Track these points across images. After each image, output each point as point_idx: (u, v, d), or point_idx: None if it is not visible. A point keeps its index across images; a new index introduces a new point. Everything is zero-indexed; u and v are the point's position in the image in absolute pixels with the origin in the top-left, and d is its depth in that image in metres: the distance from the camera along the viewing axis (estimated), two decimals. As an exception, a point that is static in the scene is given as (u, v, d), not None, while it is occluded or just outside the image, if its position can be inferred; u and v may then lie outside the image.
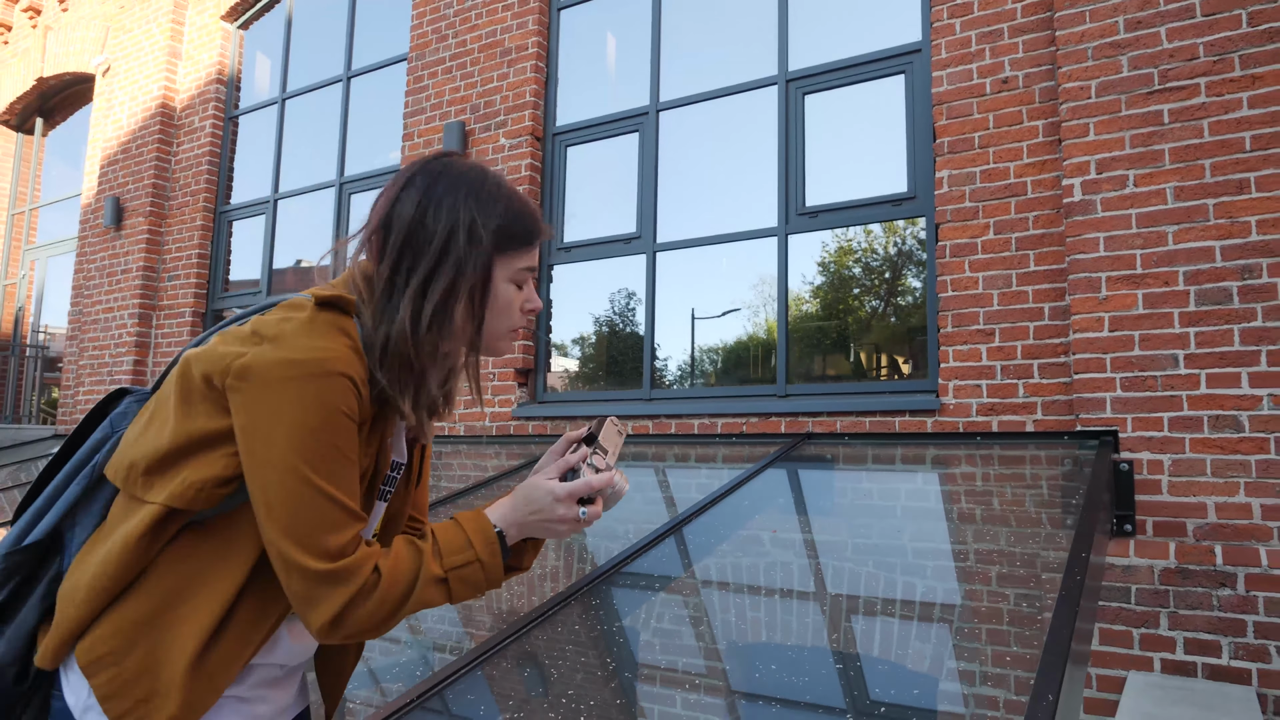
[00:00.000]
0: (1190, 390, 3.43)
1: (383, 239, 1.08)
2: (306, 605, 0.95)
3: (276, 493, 0.92)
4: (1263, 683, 3.12)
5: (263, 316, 1.00)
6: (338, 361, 0.95)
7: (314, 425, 0.93)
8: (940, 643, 2.31)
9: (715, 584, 2.88)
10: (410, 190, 1.09)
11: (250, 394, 0.93)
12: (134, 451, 0.99)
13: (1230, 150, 3.45)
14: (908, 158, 4.40)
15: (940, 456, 3.91)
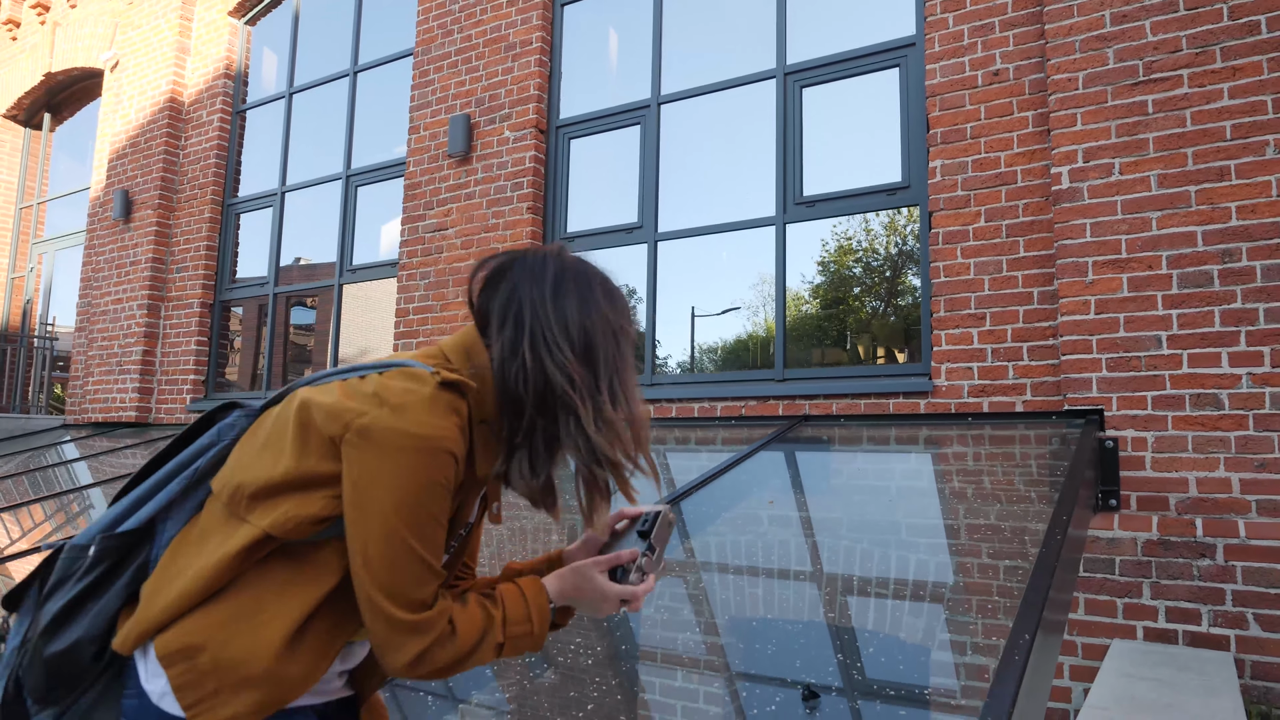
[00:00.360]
0: (1173, 370, 3.56)
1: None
2: (387, 648, 1.07)
3: (376, 548, 1.04)
4: (1240, 648, 3.25)
5: (386, 380, 1.09)
6: (448, 440, 1.06)
7: (418, 493, 1.04)
8: (918, 610, 2.43)
9: (712, 549, 3.01)
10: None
11: (367, 453, 1.04)
12: (245, 474, 1.09)
13: (1212, 139, 3.59)
14: (902, 149, 4.53)
15: (932, 436, 4.04)
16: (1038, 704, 1.79)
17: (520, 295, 1.17)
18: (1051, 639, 2.05)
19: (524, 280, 1.19)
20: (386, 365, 1.13)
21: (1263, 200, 3.47)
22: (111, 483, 5.50)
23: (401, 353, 1.21)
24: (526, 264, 1.21)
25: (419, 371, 1.10)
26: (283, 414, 1.13)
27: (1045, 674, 1.92)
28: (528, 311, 1.16)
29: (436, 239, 6.04)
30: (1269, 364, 3.39)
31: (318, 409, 1.08)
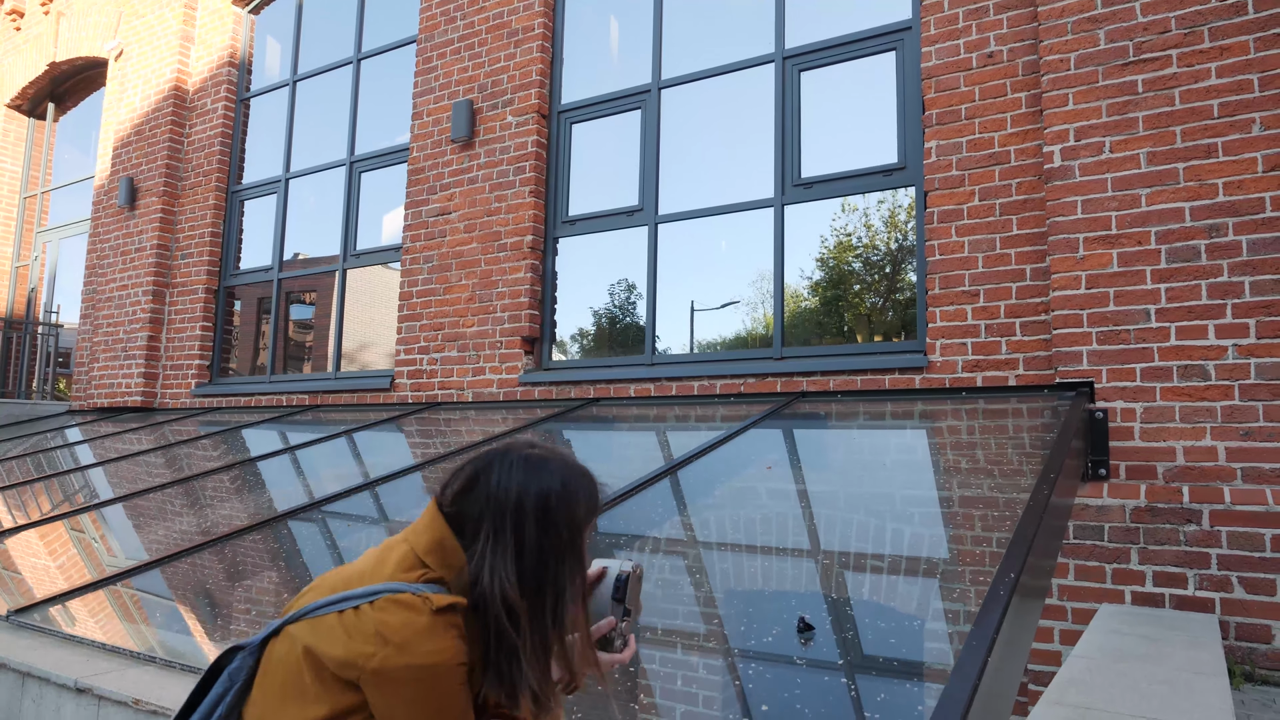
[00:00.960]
0: (1161, 342, 3.65)
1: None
2: None
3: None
4: (1225, 610, 3.34)
5: (382, 616, 1.17)
6: (455, 657, 1.18)
7: (439, 704, 1.17)
8: (899, 577, 2.52)
9: (705, 519, 3.09)
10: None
11: (384, 689, 1.15)
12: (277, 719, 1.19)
13: (1200, 117, 3.67)
14: (898, 130, 4.62)
15: (926, 411, 4.13)
16: (1013, 666, 1.84)
17: (486, 505, 1.26)
18: (1029, 604, 2.09)
19: (490, 494, 1.27)
20: (374, 593, 1.20)
21: (1249, 176, 3.56)
22: (114, 463, 5.58)
23: (382, 559, 1.28)
24: (495, 476, 1.28)
25: (411, 600, 1.18)
26: (289, 658, 1.21)
27: (1022, 637, 1.96)
28: (493, 525, 1.25)
29: (440, 223, 6.13)
30: (1254, 335, 3.48)
31: (328, 659, 1.18)
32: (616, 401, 5.23)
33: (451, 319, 5.97)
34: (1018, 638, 1.90)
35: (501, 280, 5.77)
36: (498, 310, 5.76)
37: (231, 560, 3.21)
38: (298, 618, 1.25)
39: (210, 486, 4.63)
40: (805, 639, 1.89)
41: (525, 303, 5.66)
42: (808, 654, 1.98)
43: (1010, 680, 1.83)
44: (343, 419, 6.05)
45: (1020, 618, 1.92)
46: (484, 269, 5.86)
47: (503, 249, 5.79)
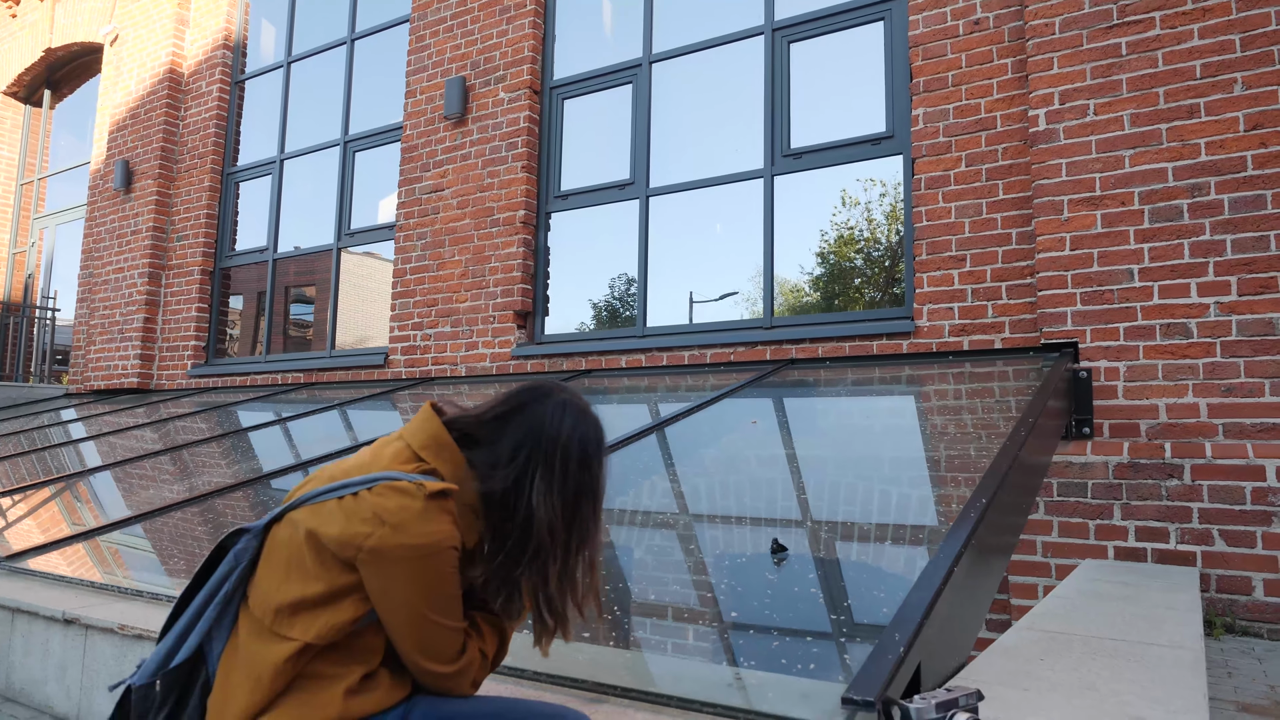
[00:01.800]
0: (1144, 301, 3.68)
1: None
2: (442, 689, 1.31)
3: (410, 630, 1.25)
4: (1206, 564, 3.38)
5: (379, 500, 1.24)
6: (447, 540, 1.25)
7: (432, 584, 1.25)
8: (866, 534, 2.54)
9: (685, 462, 3.13)
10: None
11: (381, 568, 1.22)
12: (279, 596, 1.25)
13: (1182, 78, 3.70)
14: (886, 99, 4.65)
15: (912, 374, 4.15)
16: (969, 619, 1.83)
17: (536, 438, 1.34)
18: (992, 561, 2.06)
19: (542, 424, 1.35)
20: (373, 480, 1.28)
21: (1230, 136, 3.59)
22: (106, 436, 5.61)
23: (378, 453, 1.36)
24: (548, 409, 1.37)
25: (406, 485, 1.26)
26: (293, 539, 1.28)
27: (977, 591, 1.93)
28: (543, 456, 1.33)
29: (433, 200, 6.15)
30: (1236, 293, 3.51)
31: (328, 539, 1.24)
32: (608, 373, 5.27)
33: (445, 295, 6.00)
34: (971, 594, 1.88)
35: (494, 255, 5.80)
36: (490, 285, 5.79)
37: (214, 515, 3.25)
38: (299, 504, 1.31)
39: (197, 455, 4.66)
40: (779, 559, 1.92)
41: (518, 277, 5.68)
42: (752, 582, 2.01)
43: (967, 624, 1.82)
44: (335, 395, 6.09)
45: (976, 572, 1.88)
46: (477, 244, 5.89)
47: (495, 224, 5.82)
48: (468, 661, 1.31)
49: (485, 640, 1.36)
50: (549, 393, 1.41)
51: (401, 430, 1.39)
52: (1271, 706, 2.40)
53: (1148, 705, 1.46)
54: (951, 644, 1.68)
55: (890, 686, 1.30)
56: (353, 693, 1.23)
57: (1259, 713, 2.35)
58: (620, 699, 1.45)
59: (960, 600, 1.73)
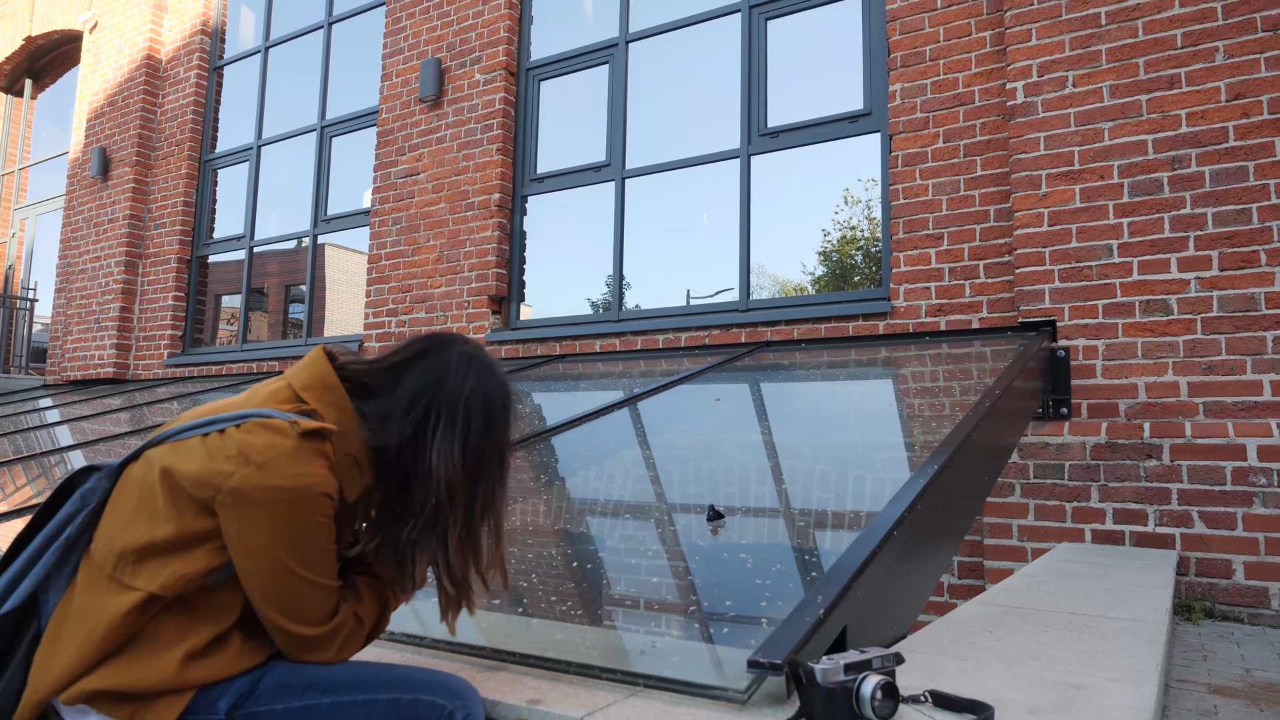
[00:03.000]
0: (1123, 278, 3.57)
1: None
2: (306, 654, 1.18)
3: (271, 585, 1.12)
4: (1185, 546, 3.26)
5: (247, 437, 1.11)
6: (318, 484, 1.12)
7: (298, 534, 1.11)
8: (807, 516, 2.44)
9: (640, 434, 3.02)
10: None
11: (242, 511, 1.09)
12: (123, 540, 1.11)
13: (1163, 48, 3.59)
14: (864, 76, 4.54)
15: (886, 355, 4.04)
16: (910, 593, 1.70)
17: (437, 389, 1.23)
18: (939, 538, 1.90)
19: (447, 375, 1.24)
20: (243, 417, 1.15)
21: (1212, 106, 3.48)
22: (75, 422, 5.51)
23: (255, 391, 1.24)
24: (451, 359, 1.26)
25: (278, 423, 1.13)
26: (147, 478, 1.15)
27: (922, 565, 1.78)
28: (445, 410, 1.22)
29: (408, 184, 6.05)
30: (1217, 267, 3.40)
31: (184, 477, 1.11)
32: (583, 357, 5.16)
33: (420, 280, 5.89)
34: (919, 558, 1.73)
35: (469, 240, 5.69)
36: (465, 270, 5.68)
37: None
38: (159, 441, 1.19)
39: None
40: (715, 526, 1.81)
41: (492, 261, 5.57)
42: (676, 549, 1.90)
43: (909, 598, 1.69)
44: (310, 382, 5.97)
45: (920, 540, 1.74)
46: (452, 229, 5.78)
47: (470, 208, 5.71)
48: (337, 625, 1.19)
49: (364, 606, 1.23)
50: (451, 342, 1.29)
51: (287, 370, 1.27)
52: (1243, 688, 2.29)
53: (1090, 674, 1.35)
54: (890, 615, 1.57)
55: (804, 649, 1.19)
56: (194, 656, 1.10)
57: (1230, 694, 2.23)
58: (517, 666, 1.34)
59: (901, 572, 1.62)
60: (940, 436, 2.61)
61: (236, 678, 1.13)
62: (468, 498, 1.22)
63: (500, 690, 1.25)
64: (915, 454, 2.47)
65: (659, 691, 1.22)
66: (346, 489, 1.19)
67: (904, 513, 1.64)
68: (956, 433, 2.20)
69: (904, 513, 1.64)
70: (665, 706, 1.16)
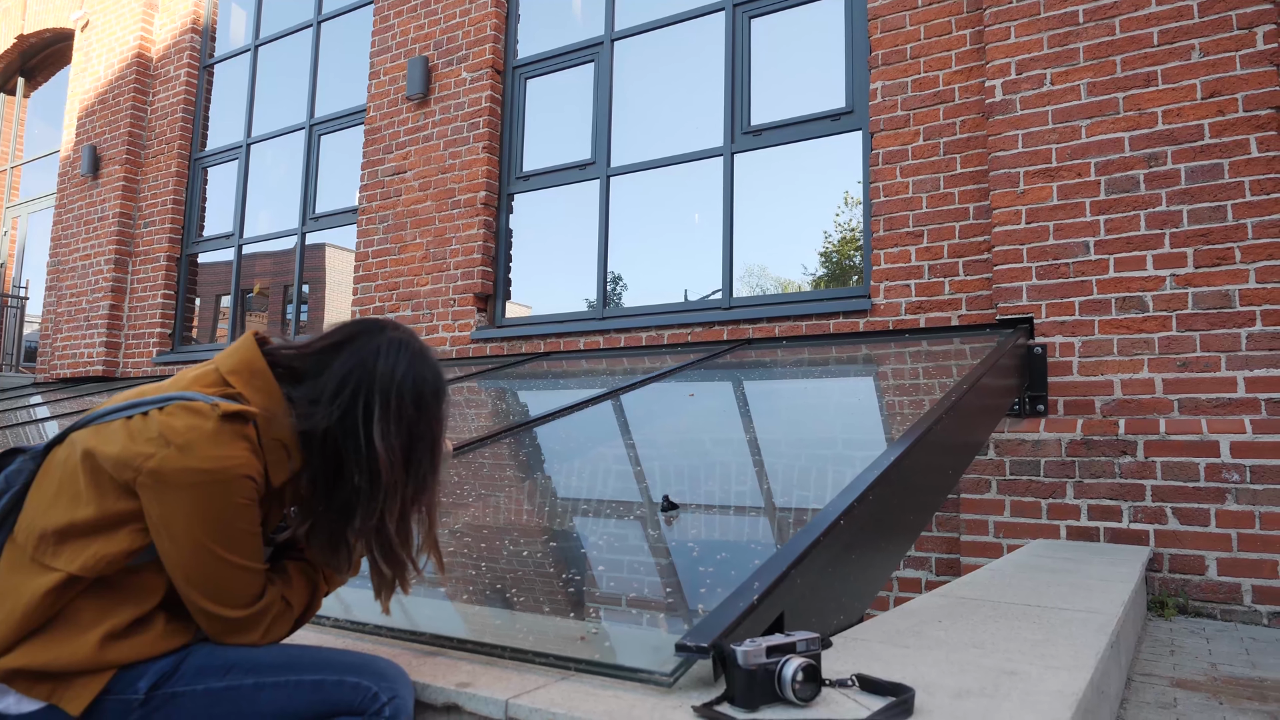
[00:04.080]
0: (1100, 275, 3.57)
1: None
2: (233, 637, 1.17)
3: (194, 568, 1.11)
4: (1159, 542, 3.26)
5: (168, 419, 1.11)
6: (239, 466, 1.12)
7: (220, 516, 1.11)
8: (762, 511, 2.43)
9: (614, 427, 3.02)
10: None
11: (162, 493, 1.09)
12: (44, 521, 1.12)
13: (1139, 45, 3.60)
14: (846, 74, 4.54)
15: (866, 353, 4.05)
16: (860, 585, 1.68)
17: (365, 374, 1.22)
18: (892, 532, 1.90)
19: (376, 360, 1.23)
20: (165, 400, 1.15)
21: (1188, 104, 3.48)
22: (60, 418, 5.51)
23: (181, 375, 1.23)
24: (381, 344, 1.25)
25: (200, 405, 1.13)
26: (69, 460, 1.15)
27: (873, 557, 1.77)
28: (375, 394, 1.21)
29: (395, 182, 6.05)
30: (1191, 264, 3.40)
31: (104, 459, 1.11)
32: (566, 355, 5.16)
33: (406, 278, 5.89)
34: (869, 550, 1.71)
35: (455, 238, 5.69)
36: (451, 268, 5.68)
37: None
38: (83, 424, 1.19)
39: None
40: (669, 516, 1.81)
41: (478, 259, 5.58)
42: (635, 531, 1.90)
43: (859, 589, 1.67)
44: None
45: (869, 532, 1.72)
46: (438, 227, 5.78)
47: (456, 206, 5.71)
48: (263, 607, 1.18)
49: (292, 590, 1.23)
50: (381, 328, 1.29)
51: (216, 355, 1.27)
52: (1206, 682, 2.29)
53: (1028, 661, 1.35)
54: (835, 605, 1.57)
55: (735, 634, 1.19)
56: (113, 637, 1.10)
57: (1192, 688, 2.23)
58: (454, 651, 1.34)
59: (849, 562, 1.61)
60: (900, 434, 2.61)
61: (158, 658, 1.13)
62: (401, 483, 1.21)
63: (433, 674, 1.25)
64: (880, 449, 2.47)
65: (590, 675, 1.22)
66: (273, 473, 1.19)
67: (852, 503, 1.64)
68: (915, 428, 2.20)
69: (852, 503, 1.64)
70: (592, 689, 1.16)
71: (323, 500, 1.21)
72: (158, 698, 1.10)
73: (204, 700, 1.11)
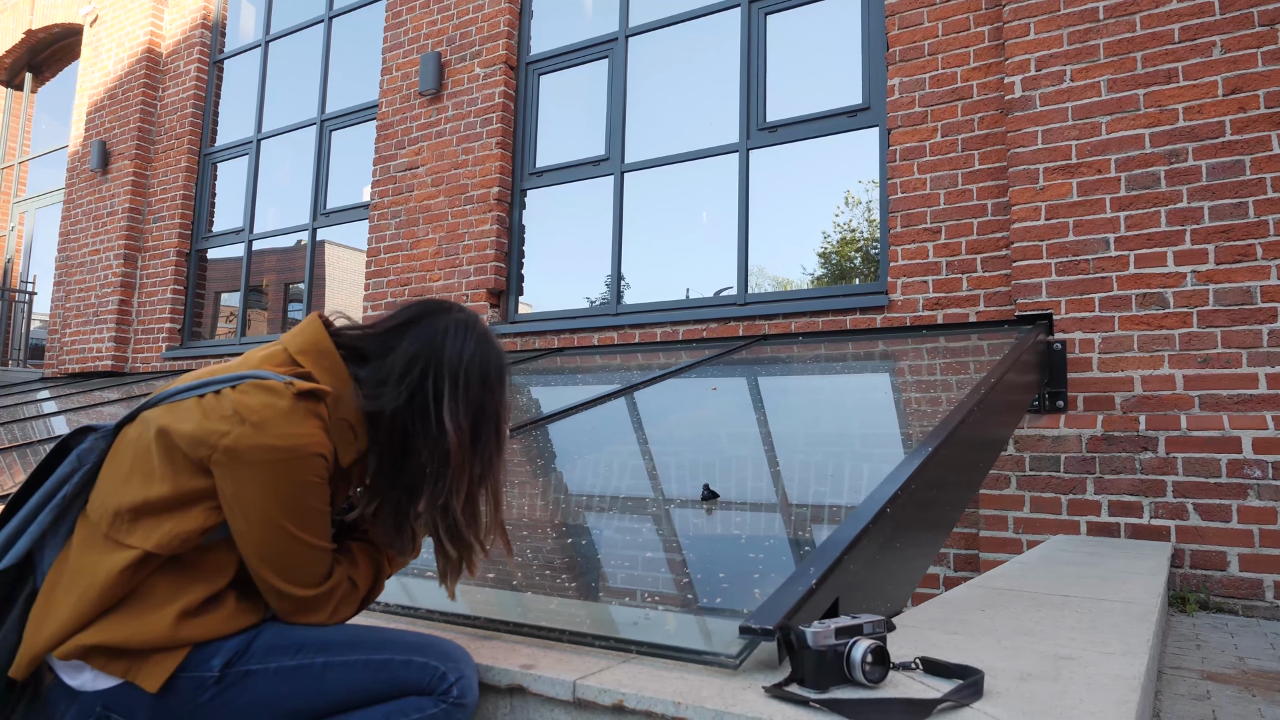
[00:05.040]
0: (1120, 271, 3.57)
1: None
2: (301, 616, 1.18)
3: (266, 545, 1.12)
4: (1180, 538, 3.27)
5: (242, 397, 1.12)
6: (313, 444, 1.13)
7: (293, 494, 1.12)
8: (796, 508, 2.44)
9: (634, 422, 3.02)
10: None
11: (237, 470, 1.09)
12: (119, 499, 1.12)
13: (1160, 42, 3.60)
14: (863, 70, 4.54)
15: (883, 349, 4.05)
16: (901, 575, 1.69)
17: (433, 354, 1.23)
18: (930, 524, 1.91)
19: (443, 340, 1.24)
20: (237, 378, 1.16)
21: (1209, 100, 3.49)
22: (69, 413, 5.51)
23: (249, 355, 1.24)
24: (448, 325, 1.26)
25: (274, 384, 1.14)
26: (142, 438, 1.16)
27: (913, 547, 1.78)
28: (444, 374, 1.22)
29: (407, 178, 6.05)
30: (1213, 261, 3.41)
31: (179, 436, 1.12)
32: (580, 350, 5.16)
33: (418, 274, 5.90)
34: (910, 539, 1.72)
35: (468, 233, 5.69)
36: (464, 264, 5.69)
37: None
38: (155, 402, 1.19)
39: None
40: (709, 506, 1.82)
41: (491, 255, 5.58)
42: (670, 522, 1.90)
43: (900, 579, 1.68)
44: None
45: (911, 521, 1.73)
46: (450, 222, 5.78)
47: (469, 202, 5.72)
48: (331, 587, 1.19)
49: (358, 571, 1.24)
50: (447, 309, 1.29)
51: (282, 336, 1.28)
52: (1237, 675, 2.30)
53: (1080, 648, 1.35)
54: (881, 593, 1.58)
55: (796, 616, 1.19)
56: (188, 614, 1.10)
57: (1223, 680, 2.24)
58: (510, 635, 1.35)
59: (893, 551, 1.62)
60: (934, 427, 2.61)
61: (230, 636, 1.13)
62: (469, 462, 1.22)
63: (494, 657, 1.25)
64: (909, 444, 2.48)
65: (651, 658, 1.22)
66: (341, 453, 1.19)
67: (897, 491, 1.64)
68: (947, 422, 2.21)
69: (897, 491, 1.64)
70: (656, 671, 1.16)
71: (389, 480, 1.22)
72: (231, 675, 1.11)
73: (275, 678, 1.12)
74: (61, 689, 1.10)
